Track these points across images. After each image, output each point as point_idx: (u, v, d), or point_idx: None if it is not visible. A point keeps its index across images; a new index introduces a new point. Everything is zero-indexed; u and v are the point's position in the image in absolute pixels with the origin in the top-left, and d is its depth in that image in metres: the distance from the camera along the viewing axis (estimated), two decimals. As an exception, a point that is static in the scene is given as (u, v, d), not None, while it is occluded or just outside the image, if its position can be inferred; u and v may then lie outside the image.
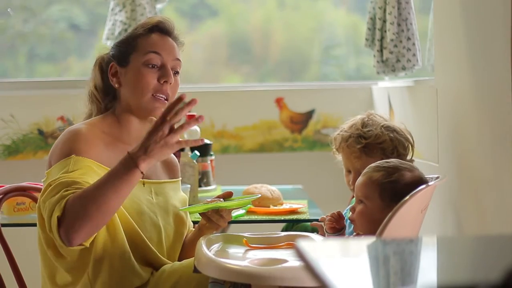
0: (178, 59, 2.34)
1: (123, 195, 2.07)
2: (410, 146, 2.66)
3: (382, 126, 2.64)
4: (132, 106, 2.29)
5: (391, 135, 2.62)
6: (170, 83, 2.28)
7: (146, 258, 2.24)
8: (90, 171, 2.14)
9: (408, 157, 2.64)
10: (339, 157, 2.72)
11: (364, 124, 2.65)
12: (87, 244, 2.08)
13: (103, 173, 2.12)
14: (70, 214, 2.03)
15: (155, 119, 2.16)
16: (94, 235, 2.10)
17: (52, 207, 2.06)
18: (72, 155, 2.14)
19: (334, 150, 2.72)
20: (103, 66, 2.36)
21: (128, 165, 2.05)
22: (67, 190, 2.06)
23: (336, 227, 2.41)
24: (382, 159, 2.53)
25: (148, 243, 2.23)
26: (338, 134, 2.69)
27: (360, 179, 2.30)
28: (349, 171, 2.67)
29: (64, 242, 2.06)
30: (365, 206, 2.26)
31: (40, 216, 2.16)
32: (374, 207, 2.24)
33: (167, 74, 2.28)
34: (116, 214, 2.15)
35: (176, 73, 2.33)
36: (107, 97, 2.35)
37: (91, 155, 2.17)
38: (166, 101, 2.28)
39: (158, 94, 2.27)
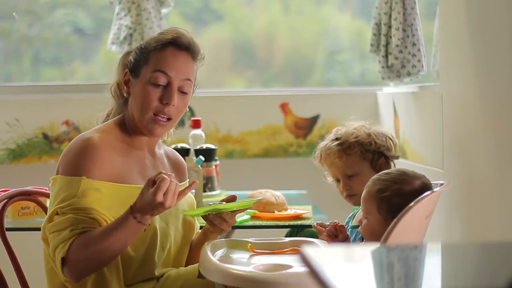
0: (188, 79, 2.25)
1: (128, 243, 2.11)
2: (391, 141, 2.67)
3: (355, 127, 2.70)
4: (136, 120, 2.25)
5: (366, 130, 2.66)
6: (173, 105, 2.22)
7: (143, 273, 2.23)
8: (99, 198, 2.12)
9: (392, 152, 2.67)
10: (329, 178, 2.75)
11: (336, 131, 2.73)
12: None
13: (115, 191, 2.13)
14: (74, 259, 2.06)
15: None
16: None
17: (55, 244, 2.08)
18: (83, 176, 2.12)
19: (318, 162, 2.75)
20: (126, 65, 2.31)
21: (131, 221, 2.06)
22: (72, 230, 2.07)
23: (335, 240, 2.41)
24: (362, 153, 2.61)
25: (155, 259, 2.22)
26: (318, 149, 2.74)
27: (362, 194, 2.30)
28: (338, 180, 2.69)
29: (68, 279, 2.11)
30: (368, 221, 2.26)
31: (45, 239, 2.16)
32: (374, 221, 2.24)
33: (169, 96, 2.21)
34: None
35: (183, 93, 2.25)
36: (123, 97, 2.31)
37: (102, 173, 2.14)
38: (167, 122, 2.23)
39: (159, 115, 2.21)
